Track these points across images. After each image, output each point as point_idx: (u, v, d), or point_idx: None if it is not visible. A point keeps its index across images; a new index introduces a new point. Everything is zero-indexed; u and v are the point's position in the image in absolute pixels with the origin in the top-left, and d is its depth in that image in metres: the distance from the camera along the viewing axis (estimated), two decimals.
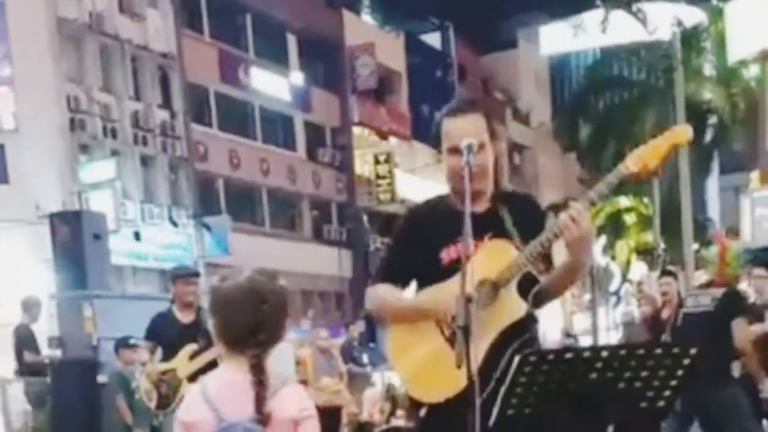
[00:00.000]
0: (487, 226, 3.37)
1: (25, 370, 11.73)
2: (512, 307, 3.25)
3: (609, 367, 2.74)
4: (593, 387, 2.76)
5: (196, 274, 7.98)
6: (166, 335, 7.51)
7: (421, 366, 3.40)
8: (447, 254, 3.39)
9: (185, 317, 7.53)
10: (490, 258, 3.29)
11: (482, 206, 3.44)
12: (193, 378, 7.29)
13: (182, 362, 7.36)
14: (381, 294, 3.56)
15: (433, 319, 3.37)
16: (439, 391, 3.29)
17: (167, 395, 7.38)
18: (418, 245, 3.47)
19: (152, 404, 7.49)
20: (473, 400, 2.94)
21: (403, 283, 3.55)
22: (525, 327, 3.29)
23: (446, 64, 43.37)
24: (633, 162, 3.08)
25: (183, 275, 7.82)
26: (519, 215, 3.42)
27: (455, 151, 3.38)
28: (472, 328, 3.00)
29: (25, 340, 11.65)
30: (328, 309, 34.24)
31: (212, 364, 7.39)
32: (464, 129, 3.39)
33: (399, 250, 3.62)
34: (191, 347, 7.37)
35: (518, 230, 3.36)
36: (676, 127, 3.11)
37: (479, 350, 3.08)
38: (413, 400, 3.46)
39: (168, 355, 7.48)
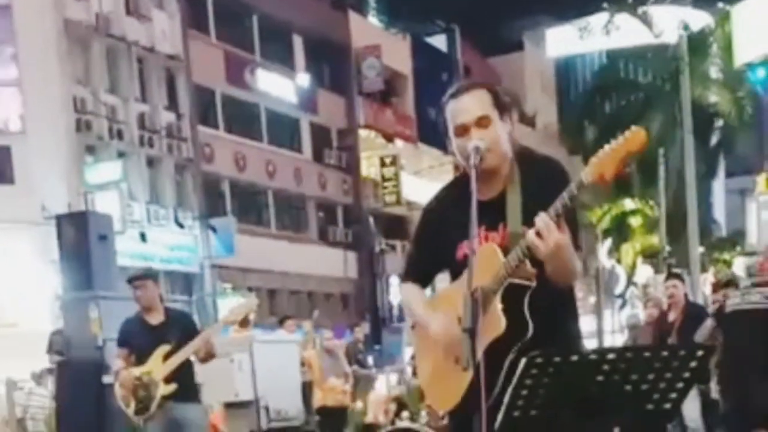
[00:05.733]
0: (500, 214, 3.27)
1: None
2: (494, 322, 3.13)
3: (615, 369, 2.73)
4: (599, 389, 2.75)
5: (143, 277, 7.56)
6: (136, 339, 7.36)
7: (431, 375, 3.45)
8: (461, 249, 3.30)
9: (153, 319, 7.36)
10: (483, 263, 3.20)
11: (495, 190, 3.32)
12: (169, 379, 7.17)
13: (156, 364, 7.20)
14: (406, 296, 3.64)
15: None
16: (445, 401, 3.34)
17: (144, 399, 7.22)
18: (436, 240, 3.42)
19: (130, 410, 7.30)
20: (478, 406, 2.95)
21: (427, 280, 3.58)
22: (513, 340, 3.13)
23: (452, 67, 43.35)
24: (590, 172, 2.94)
25: (130, 279, 7.59)
26: (533, 190, 3.24)
27: (460, 130, 3.28)
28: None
29: None
30: (334, 310, 34.24)
31: (187, 364, 7.32)
32: (468, 104, 3.30)
33: (419, 247, 3.59)
34: (164, 348, 7.19)
35: (530, 210, 3.16)
36: (629, 132, 2.90)
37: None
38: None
39: (141, 359, 7.30)
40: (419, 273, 3.57)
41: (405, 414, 12.31)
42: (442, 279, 3.56)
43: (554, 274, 3.15)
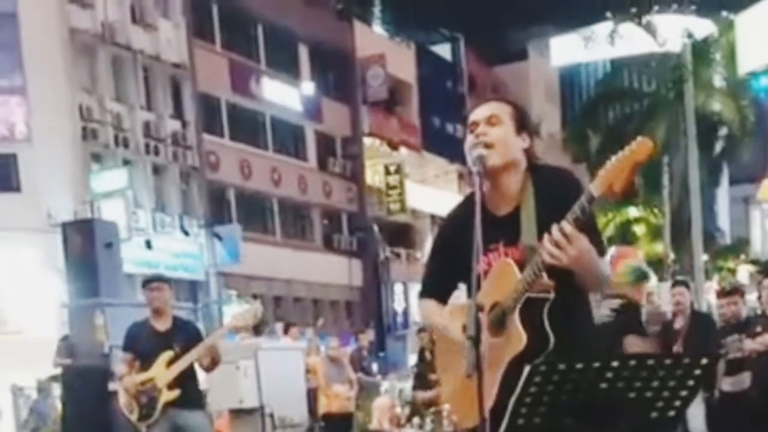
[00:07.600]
0: (518, 230, 3.27)
1: None
2: (514, 339, 3.12)
3: (619, 377, 2.74)
4: (603, 397, 2.75)
5: (160, 280, 7.75)
6: (142, 344, 7.36)
7: (455, 390, 3.41)
8: (480, 266, 3.22)
9: (161, 325, 7.38)
10: (499, 280, 3.21)
11: (510, 205, 3.33)
12: (172, 385, 7.15)
13: (160, 370, 7.20)
14: (424, 311, 3.62)
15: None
16: (471, 417, 3.22)
17: (148, 406, 7.20)
18: (452, 257, 3.38)
19: (133, 417, 7.27)
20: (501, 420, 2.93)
21: (445, 297, 3.55)
22: (536, 355, 3.07)
23: (456, 75, 43.41)
24: (599, 185, 2.91)
25: (146, 281, 7.69)
26: (547, 202, 3.24)
27: (471, 127, 3.32)
28: (487, 356, 3.00)
29: None
30: (338, 318, 34.25)
31: (190, 370, 7.31)
32: (484, 107, 3.36)
33: (435, 264, 3.59)
34: (168, 354, 7.20)
35: (545, 222, 3.14)
36: (635, 143, 2.89)
37: (494, 380, 3.09)
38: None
39: (145, 364, 7.30)
40: (436, 290, 3.55)
41: (416, 420, 12.29)
42: (456, 296, 3.56)
43: (583, 282, 3.15)
